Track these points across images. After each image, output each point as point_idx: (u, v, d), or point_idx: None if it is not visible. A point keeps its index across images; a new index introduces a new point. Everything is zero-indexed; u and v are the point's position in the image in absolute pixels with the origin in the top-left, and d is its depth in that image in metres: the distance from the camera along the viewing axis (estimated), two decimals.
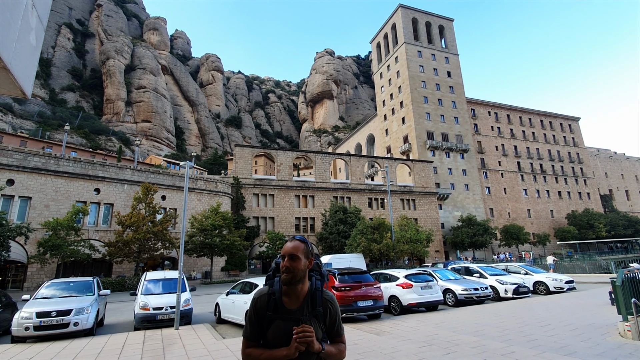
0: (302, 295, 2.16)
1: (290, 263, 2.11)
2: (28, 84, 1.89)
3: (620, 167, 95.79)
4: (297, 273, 2.11)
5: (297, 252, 2.12)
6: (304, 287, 2.17)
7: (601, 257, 40.84)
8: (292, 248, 2.14)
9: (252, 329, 2.14)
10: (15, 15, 1.66)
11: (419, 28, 74.24)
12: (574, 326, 9.50)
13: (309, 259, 2.19)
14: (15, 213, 28.42)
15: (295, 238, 2.22)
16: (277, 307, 2.13)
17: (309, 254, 2.20)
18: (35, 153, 32.67)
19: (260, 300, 2.17)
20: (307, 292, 2.17)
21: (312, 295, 2.16)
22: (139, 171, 36.80)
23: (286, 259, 2.13)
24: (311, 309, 2.13)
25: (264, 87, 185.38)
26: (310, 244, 2.27)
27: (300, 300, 2.15)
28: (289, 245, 2.17)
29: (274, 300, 2.14)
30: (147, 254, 28.91)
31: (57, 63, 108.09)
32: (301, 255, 2.13)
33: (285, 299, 2.15)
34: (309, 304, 2.14)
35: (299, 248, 2.14)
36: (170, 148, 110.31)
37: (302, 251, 2.14)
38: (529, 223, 68.61)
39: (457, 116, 69.72)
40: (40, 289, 11.89)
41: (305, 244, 2.19)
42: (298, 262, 2.12)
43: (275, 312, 2.12)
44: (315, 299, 2.15)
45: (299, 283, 2.15)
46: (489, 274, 17.61)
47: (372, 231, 35.17)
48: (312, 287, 2.19)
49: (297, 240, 2.20)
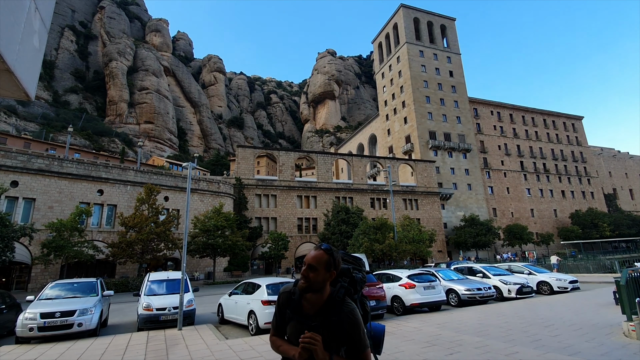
0: (319, 302, 2.10)
1: (308, 272, 2.06)
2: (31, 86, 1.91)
3: (624, 166, 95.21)
4: (314, 284, 2.06)
5: (316, 263, 2.05)
6: (323, 295, 2.10)
7: (605, 256, 40.59)
8: (313, 258, 2.06)
9: (276, 322, 2.24)
10: (18, 18, 1.67)
11: (420, 28, 74.13)
12: (578, 326, 9.45)
13: (331, 272, 2.08)
14: (19, 214, 28.59)
15: (321, 247, 2.11)
16: (295, 308, 2.14)
17: (332, 266, 2.08)
18: (39, 155, 32.85)
19: (282, 296, 2.23)
20: (327, 299, 2.09)
21: (330, 304, 2.07)
22: (141, 172, 36.94)
23: (306, 266, 2.07)
24: (325, 318, 2.05)
25: (265, 88, 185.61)
26: (337, 254, 2.15)
27: (317, 307, 2.10)
28: (312, 254, 2.09)
29: (294, 301, 2.15)
30: (150, 255, 29.00)
31: (60, 65, 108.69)
32: (320, 267, 2.04)
33: (304, 302, 2.14)
34: (325, 312, 2.07)
35: (321, 260, 2.05)
36: (172, 149, 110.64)
37: (323, 263, 2.05)
38: (532, 223, 68.29)
39: (459, 116, 69.52)
40: (44, 290, 11.97)
41: (329, 256, 2.07)
42: (316, 273, 2.04)
43: (293, 312, 2.14)
44: (331, 309, 2.05)
45: (317, 292, 2.09)
46: (492, 274, 17.54)
47: (374, 231, 35.12)
48: (333, 295, 2.09)
49: (322, 250, 2.09)
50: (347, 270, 2.26)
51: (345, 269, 2.26)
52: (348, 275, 2.24)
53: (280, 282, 11.63)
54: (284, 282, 11.71)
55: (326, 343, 1.98)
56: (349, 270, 2.27)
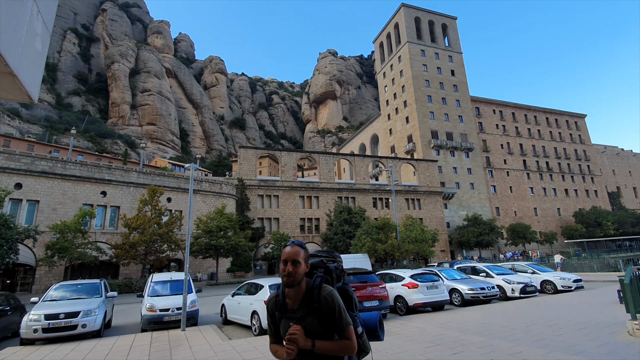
0: (299, 295, 2.27)
1: (292, 268, 2.21)
2: (34, 89, 1.92)
3: (627, 164, 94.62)
4: (298, 277, 2.23)
5: (298, 257, 2.23)
6: (301, 288, 2.27)
7: (609, 255, 40.29)
8: (295, 254, 2.24)
9: (269, 328, 2.41)
10: (21, 22, 1.68)
11: (421, 27, 74.00)
12: (582, 325, 9.40)
13: (307, 264, 2.30)
14: (23, 216, 28.75)
15: (295, 243, 2.30)
16: (281, 307, 2.32)
17: (307, 258, 2.31)
18: (43, 157, 33.04)
19: (270, 303, 2.41)
20: (305, 290, 2.26)
21: (309, 293, 2.24)
22: (144, 174, 37.06)
23: (289, 264, 2.23)
24: (308, 307, 2.21)
25: (267, 89, 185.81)
26: (307, 250, 2.37)
27: (298, 300, 2.27)
28: (291, 250, 2.25)
29: (279, 301, 2.33)
30: (154, 256, 29.09)
31: (63, 68, 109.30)
32: (302, 261, 2.24)
33: (288, 299, 2.31)
34: (306, 301, 2.23)
35: (299, 254, 2.25)
36: (175, 150, 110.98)
37: (303, 257, 2.26)
38: (535, 222, 67.98)
39: (461, 115, 69.33)
40: (49, 292, 12.03)
41: (304, 250, 2.30)
42: (299, 267, 2.22)
43: (281, 312, 2.31)
44: (312, 296, 2.22)
45: (297, 285, 2.25)
46: (495, 273, 17.45)
47: (377, 231, 35.07)
48: (310, 284, 2.27)
49: (296, 245, 2.29)
50: (319, 262, 2.48)
51: (317, 261, 2.49)
52: (322, 266, 2.45)
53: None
54: None
55: (311, 331, 2.16)
56: (322, 262, 2.49)
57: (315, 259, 2.51)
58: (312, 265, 2.42)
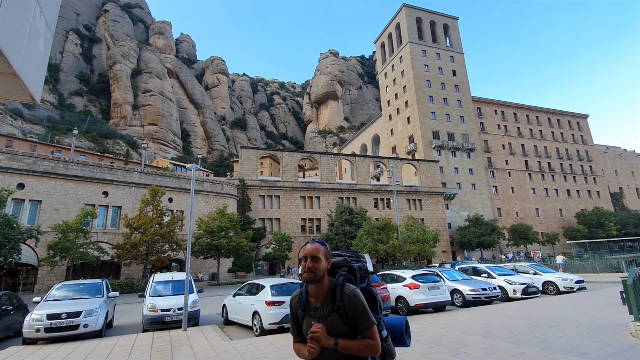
0: (323, 292, 2.27)
1: (312, 264, 2.23)
2: (37, 89, 1.92)
3: (630, 164, 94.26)
4: (319, 272, 2.23)
5: (318, 253, 2.24)
6: (324, 285, 2.27)
7: (612, 256, 40.18)
8: (314, 250, 2.25)
9: (292, 327, 2.42)
10: (24, 22, 1.69)
11: (423, 27, 73.95)
12: (585, 326, 9.36)
13: (328, 261, 2.31)
14: (25, 216, 28.85)
15: (315, 240, 2.33)
16: (304, 305, 2.32)
17: (328, 255, 2.32)
18: (45, 157, 33.13)
19: (293, 300, 2.42)
20: (328, 288, 2.26)
21: (332, 291, 2.23)
22: (146, 174, 37.14)
23: (308, 259, 2.24)
24: (331, 305, 2.20)
25: (268, 89, 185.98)
26: (328, 247, 2.37)
27: (321, 298, 2.27)
28: (310, 247, 2.27)
29: (302, 299, 2.34)
30: (155, 256, 29.14)
31: (65, 68, 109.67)
32: (322, 257, 2.25)
33: (311, 298, 2.31)
34: (329, 300, 2.22)
35: (320, 250, 2.26)
36: (176, 151, 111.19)
37: (323, 253, 2.27)
38: (537, 222, 67.79)
39: (463, 115, 69.21)
40: (51, 291, 12.06)
41: (324, 246, 2.31)
42: (319, 263, 2.23)
43: (303, 310, 2.32)
44: (335, 294, 2.21)
45: (319, 282, 2.26)
46: (497, 274, 17.40)
47: (378, 232, 35.05)
48: (333, 283, 2.26)
49: (317, 242, 2.31)
50: (343, 261, 2.46)
51: (341, 260, 2.47)
52: (345, 265, 2.44)
53: (284, 282, 11.64)
54: (288, 282, 11.72)
55: (334, 330, 2.15)
56: (346, 261, 2.47)
57: (338, 258, 2.50)
58: (336, 265, 2.42)
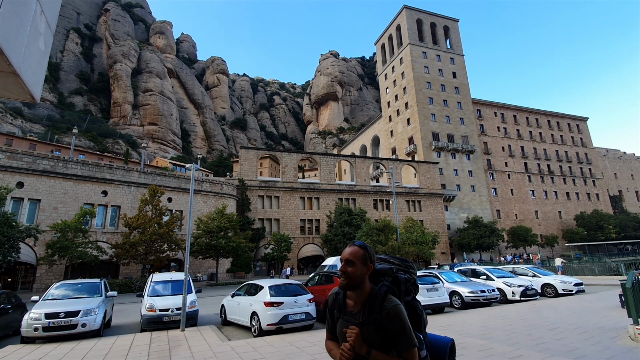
0: (361, 299, 2.15)
1: (346, 268, 2.13)
2: (37, 88, 1.92)
3: (630, 167, 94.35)
4: (354, 278, 2.12)
5: (353, 257, 2.13)
6: (364, 292, 2.15)
7: (611, 259, 40.20)
8: (349, 254, 2.14)
9: (327, 323, 2.34)
10: (24, 21, 1.69)
11: (423, 29, 74.06)
12: (583, 329, 9.36)
13: (368, 266, 2.15)
14: (24, 215, 28.82)
15: (355, 244, 2.20)
16: (340, 307, 2.23)
17: (368, 260, 2.15)
18: (44, 156, 33.13)
19: (330, 298, 2.33)
20: (367, 297, 2.14)
21: (371, 300, 2.11)
22: (145, 173, 37.12)
23: (344, 263, 2.14)
24: (368, 315, 2.08)
25: (268, 90, 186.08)
26: (371, 249, 2.21)
27: (360, 304, 2.15)
28: (347, 250, 2.17)
29: (339, 299, 2.25)
30: (154, 256, 29.11)
31: (65, 67, 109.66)
32: (357, 261, 2.12)
33: (349, 300, 2.21)
34: (367, 309, 2.11)
35: (357, 254, 2.14)
36: (176, 150, 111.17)
37: (359, 257, 2.13)
38: (536, 224, 67.83)
39: (462, 117, 69.29)
40: (49, 290, 12.04)
41: (364, 250, 2.16)
42: (354, 267, 2.11)
43: (339, 312, 2.23)
44: (374, 305, 2.08)
45: (357, 288, 2.15)
46: (496, 276, 17.40)
47: (377, 233, 35.05)
48: (374, 292, 2.13)
49: (356, 246, 2.18)
50: (389, 270, 2.28)
51: (387, 268, 2.29)
52: (390, 274, 2.26)
53: (283, 283, 11.62)
54: (287, 283, 11.71)
55: (369, 339, 2.03)
56: (392, 270, 2.29)
57: (384, 265, 2.34)
58: (380, 272, 2.26)
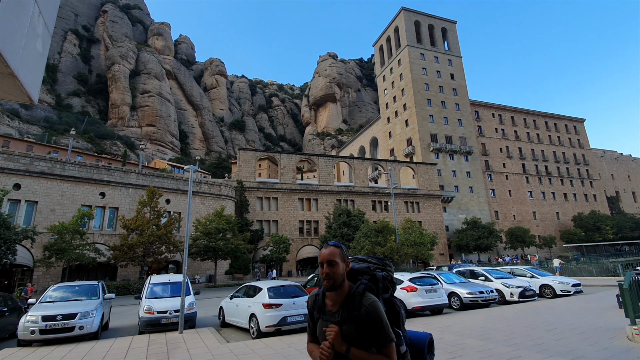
0: (341, 298, 2.17)
1: (329, 269, 2.13)
2: (35, 89, 1.92)
3: (626, 168, 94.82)
4: (337, 278, 2.13)
5: (334, 257, 2.14)
6: (343, 291, 2.17)
7: (608, 259, 40.34)
8: (330, 254, 2.15)
9: (309, 327, 2.35)
10: (22, 23, 1.68)
11: (421, 31, 74.33)
12: (581, 330, 9.39)
13: (346, 262, 2.20)
14: (21, 217, 28.69)
15: (329, 244, 2.22)
16: (320, 308, 2.25)
17: (345, 257, 2.20)
18: (42, 158, 32.98)
19: (310, 300, 2.35)
20: (346, 294, 2.16)
21: (350, 298, 2.13)
22: (143, 175, 37.03)
23: (325, 265, 2.14)
24: (347, 313, 2.11)
25: (267, 91, 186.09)
26: (345, 249, 2.25)
27: (338, 303, 2.17)
28: (326, 251, 2.17)
29: (318, 300, 2.27)
30: (152, 258, 29.02)
31: (63, 68, 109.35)
32: (339, 260, 2.14)
33: (328, 301, 2.23)
34: (346, 307, 2.13)
35: (336, 253, 2.15)
36: (174, 152, 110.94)
37: (339, 256, 2.16)
38: (534, 225, 68.02)
39: (460, 118, 69.51)
40: (46, 293, 11.98)
41: (340, 249, 2.19)
42: (337, 267, 2.13)
43: (319, 312, 2.25)
44: (352, 303, 2.11)
45: (338, 288, 2.16)
46: (494, 277, 17.42)
47: (376, 234, 35.05)
48: (352, 290, 2.16)
49: (331, 245, 2.20)
50: (366, 269, 2.32)
51: (364, 267, 2.33)
52: (368, 273, 2.30)
53: (281, 285, 11.60)
54: (286, 285, 11.69)
55: (347, 338, 2.05)
56: (369, 269, 2.32)
57: (362, 265, 2.37)
58: (358, 271, 2.30)
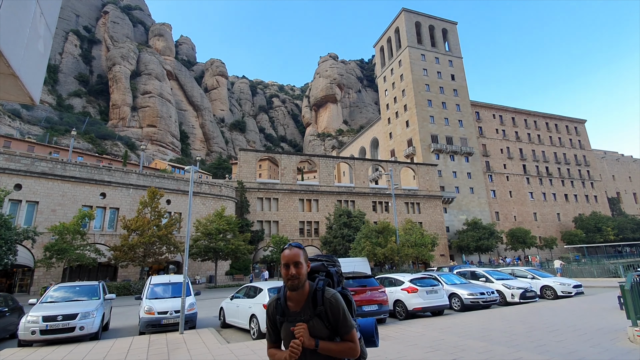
0: (303, 297, 2.26)
1: (296, 270, 2.21)
2: (36, 90, 1.92)
3: (627, 169, 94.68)
4: (303, 277, 2.23)
5: (299, 258, 2.23)
6: (304, 290, 2.26)
7: (609, 260, 40.23)
8: (295, 255, 2.23)
9: (268, 333, 2.38)
10: (24, 23, 1.69)
11: (422, 32, 74.38)
12: (583, 331, 9.36)
13: (307, 264, 2.31)
14: (22, 217, 28.73)
15: (292, 245, 2.30)
16: (283, 311, 2.29)
17: (307, 258, 2.32)
18: (43, 158, 33.04)
19: (270, 307, 2.38)
20: (308, 293, 2.26)
21: (313, 295, 2.23)
22: (144, 175, 37.06)
23: (291, 267, 2.21)
24: (312, 309, 2.21)
25: (267, 92, 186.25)
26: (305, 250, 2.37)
27: (302, 302, 2.26)
28: (290, 253, 2.24)
29: (280, 304, 2.31)
30: (152, 258, 29.03)
31: (64, 69, 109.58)
32: (303, 261, 2.24)
33: (290, 302, 2.30)
34: (311, 304, 2.22)
35: (300, 255, 2.24)
36: (175, 152, 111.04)
37: (303, 257, 2.25)
38: (535, 226, 67.92)
39: (461, 119, 69.49)
40: (47, 293, 11.98)
41: (303, 250, 2.30)
42: (301, 267, 2.23)
43: (282, 316, 2.29)
44: (316, 299, 2.21)
45: (302, 287, 2.25)
46: (495, 278, 17.41)
47: (376, 235, 34.99)
48: (313, 287, 2.26)
49: (294, 247, 2.28)
50: (321, 266, 2.49)
51: (319, 264, 2.50)
52: (323, 269, 2.47)
53: (282, 286, 11.58)
54: None
55: (315, 334, 2.17)
56: (323, 265, 2.50)
57: (316, 263, 2.51)
58: (313, 269, 2.43)
